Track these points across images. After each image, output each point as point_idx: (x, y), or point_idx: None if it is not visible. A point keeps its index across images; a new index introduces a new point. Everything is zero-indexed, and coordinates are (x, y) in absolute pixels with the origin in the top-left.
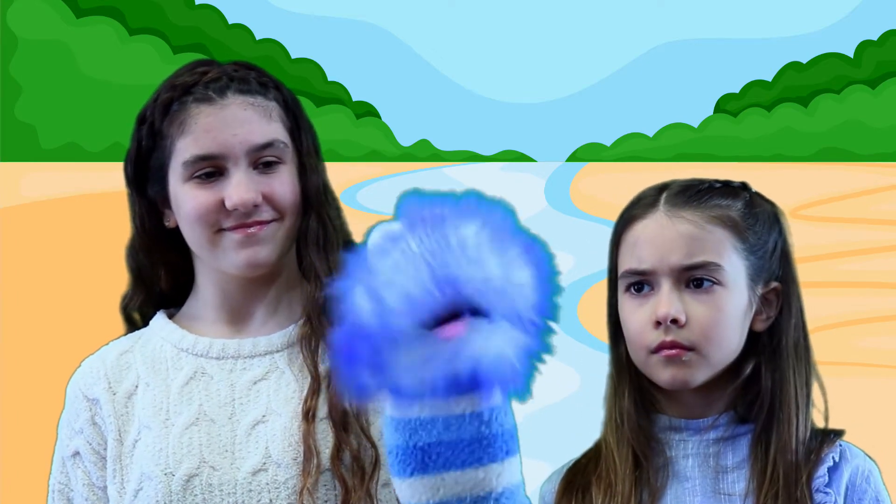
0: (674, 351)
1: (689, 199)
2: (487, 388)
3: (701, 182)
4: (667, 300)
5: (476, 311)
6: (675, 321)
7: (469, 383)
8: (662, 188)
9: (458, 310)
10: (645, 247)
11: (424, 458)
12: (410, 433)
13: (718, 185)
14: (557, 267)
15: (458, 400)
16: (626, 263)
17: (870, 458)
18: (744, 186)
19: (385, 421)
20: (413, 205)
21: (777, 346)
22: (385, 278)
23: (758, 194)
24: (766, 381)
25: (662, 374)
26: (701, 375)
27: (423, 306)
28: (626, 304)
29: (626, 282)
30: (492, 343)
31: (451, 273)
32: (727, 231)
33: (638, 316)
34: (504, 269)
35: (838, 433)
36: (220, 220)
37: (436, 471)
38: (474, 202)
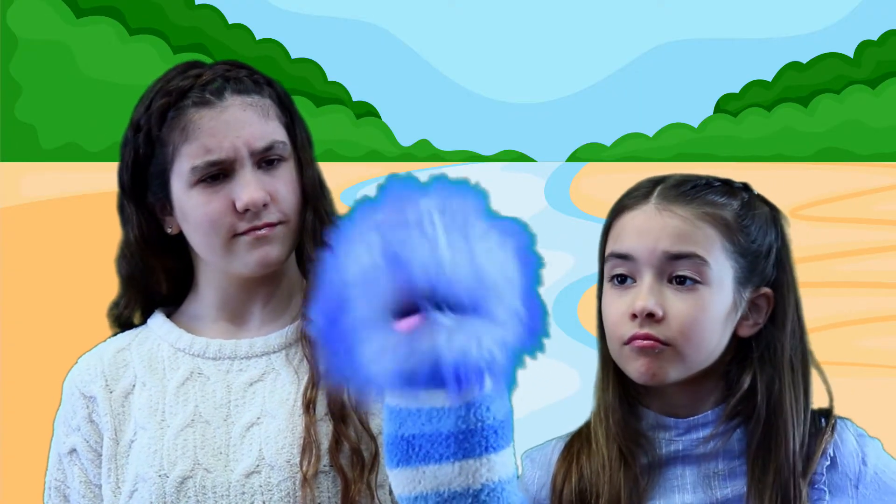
0: (647, 342)
1: (682, 195)
2: (456, 385)
3: (699, 178)
4: (646, 293)
5: (453, 307)
6: (651, 315)
7: (431, 379)
8: (659, 181)
9: (424, 303)
10: (630, 235)
11: (409, 449)
12: (400, 423)
13: (717, 183)
14: (539, 254)
15: (436, 393)
16: (609, 248)
17: (864, 435)
18: (745, 187)
19: (383, 410)
20: (389, 194)
21: (772, 356)
22: (351, 263)
23: (759, 197)
24: (761, 394)
25: (633, 366)
26: (674, 372)
27: (381, 294)
28: (608, 294)
29: (610, 271)
30: (455, 341)
31: (419, 264)
32: (716, 230)
33: (616, 307)
34: (483, 261)
35: (825, 416)
36: (233, 225)
37: (417, 463)
38: (447, 189)
